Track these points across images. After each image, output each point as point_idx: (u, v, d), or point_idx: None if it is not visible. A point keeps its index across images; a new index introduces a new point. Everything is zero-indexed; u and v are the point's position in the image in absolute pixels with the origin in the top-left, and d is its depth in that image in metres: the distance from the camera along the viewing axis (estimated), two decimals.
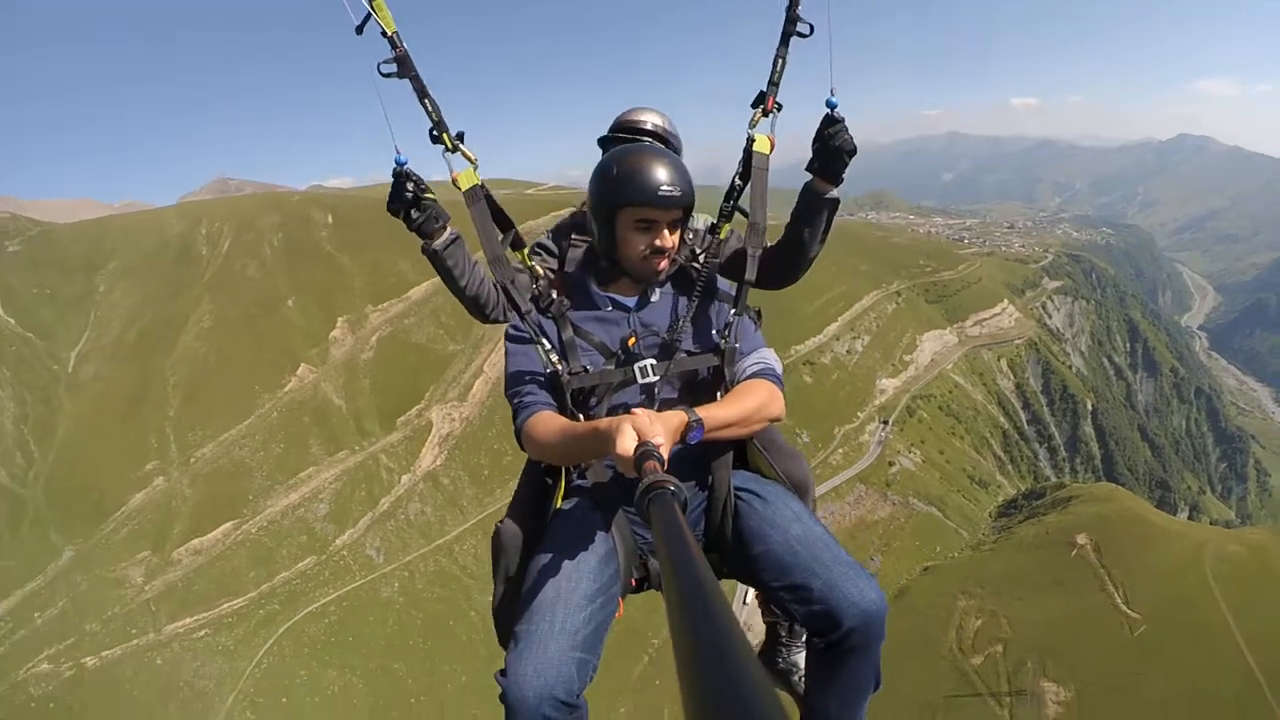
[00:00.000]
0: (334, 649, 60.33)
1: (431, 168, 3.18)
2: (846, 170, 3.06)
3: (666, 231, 2.72)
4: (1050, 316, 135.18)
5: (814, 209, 3.13)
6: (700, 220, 3.32)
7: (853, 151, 3.00)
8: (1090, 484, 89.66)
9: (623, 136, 3.51)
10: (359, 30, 2.73)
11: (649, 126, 3.55)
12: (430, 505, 71.96)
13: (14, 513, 65.28)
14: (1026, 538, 69.18)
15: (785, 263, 3.28)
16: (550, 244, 3.31)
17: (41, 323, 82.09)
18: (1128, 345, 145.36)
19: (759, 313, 3.09)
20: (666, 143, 3.51)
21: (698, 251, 3.04)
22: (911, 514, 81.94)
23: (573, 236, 3.22)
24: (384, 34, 2.75)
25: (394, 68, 2.77)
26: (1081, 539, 62.64)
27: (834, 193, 3.12)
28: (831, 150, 2.97)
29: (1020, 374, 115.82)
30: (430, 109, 2.85)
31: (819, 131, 3.00)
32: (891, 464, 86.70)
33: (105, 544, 64.76)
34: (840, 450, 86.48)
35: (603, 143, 3.54)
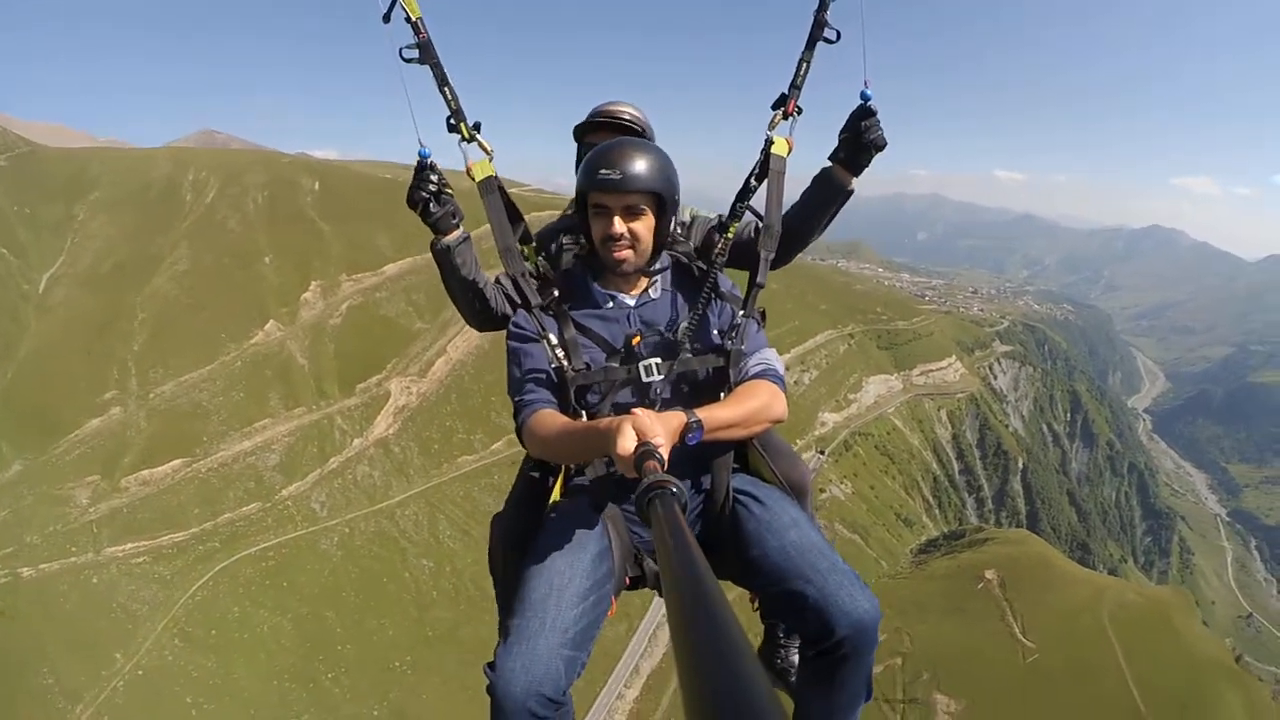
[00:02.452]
0: (268, 591, 61.89)
1: (440, 155, 3.23)
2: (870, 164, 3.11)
3: (618, 219, 2.72)
4: (996, 377, 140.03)
5: (829, 198, 3.17)
6: (687, 213, 3.41)
7: (883, 146, 3.05)
8: (1008, 530, 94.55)
9: (595, 123, 3.67)
10: (386, 18, 2.81)
11: (626, 117, 3.61)
12: (378, 470, 73.76)
13: None
14: (938, 570, 73.90)
15: (787, 247, 3.25)
16: (546, 234, 3.35)
17: (17, 241, 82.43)
18: (1068, 415, 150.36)
19: (763, 314, 3.06)
20: (642, 133, 3.62)
21: (698, 248, 3.10)
22: (834, 539, 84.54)
23: (562, 238, 3.20)
24: (408, 19, 2.84)
25: (416, 54, 2.86)
26: (989, 574, 67.49)
27: (853, 185, 3.17)
28: (863, 144, 3.04)
29: (958, 426, 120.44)
30: (449, 97, 2.94)
31: (851, 122, 3.06)
32: (822, 490, 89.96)
33: (55, 463, 65.69)
34: None
35: (577, 131, 3.71)
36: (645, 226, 2.78)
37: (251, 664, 57.05)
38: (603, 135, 3.59)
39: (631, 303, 2.90)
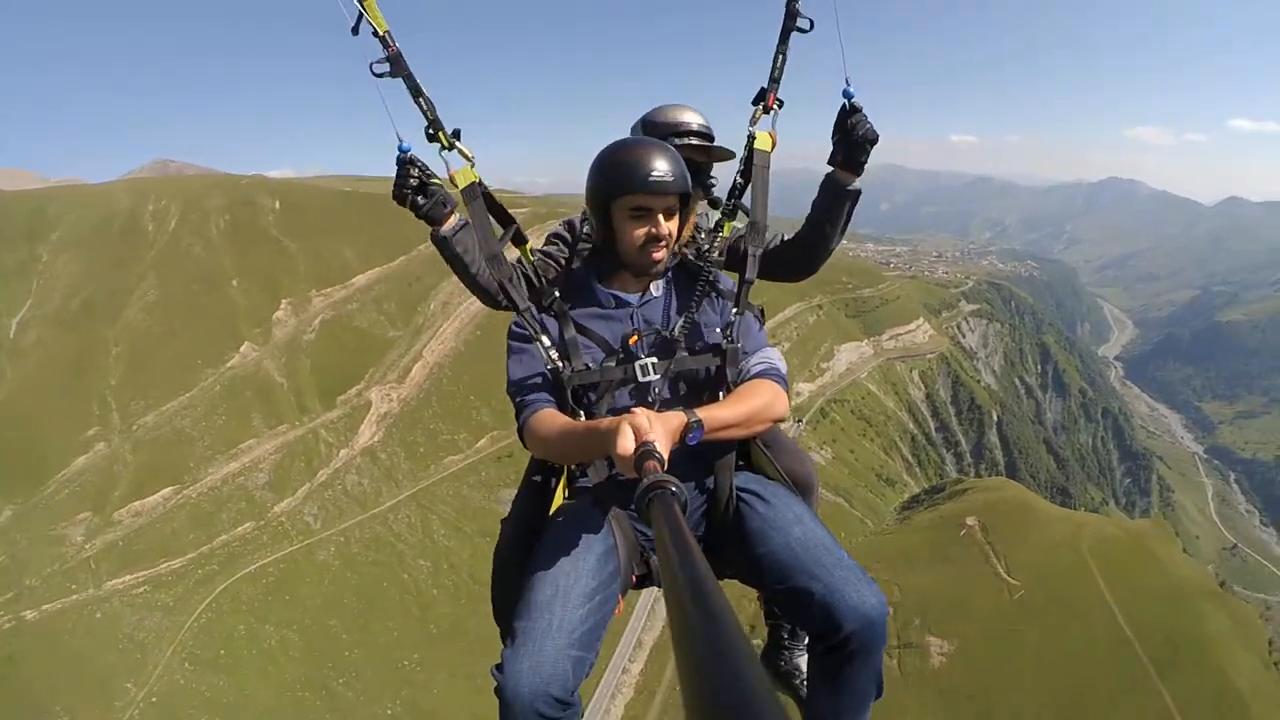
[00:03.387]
0: (271, 606, 63.01)
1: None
2: (868, 160, 3.11)
3: (662, 219, 2.73)
4: (964, 336, 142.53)
5: (838, 201, 3.17)
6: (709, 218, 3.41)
7: (875, 140, 3.05)
8: (987, 479, 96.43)
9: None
10: (354, 30, 2.79)
11: (695, 127, 3.50)
12: (367, 478, 74.97)
13: None
14: (921, 522, 75.68)
15: (806, 255, 3.32)
16: (565, 234, 3.32)
17: None
18: (1039, 367, 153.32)
19: (762, 310, 3.07)
20: (710, 140, 3.53)
21: (704, 249, 3.07)
22: (818, 503, 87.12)
23: (577, 232, 3.23)
24: (375, 34, 2.80)
25: (386, 67, 2.82)
26: (970, 520, 69.05)
27: (856, 184, 3.17)
28: (854, 141, 3.04)
29: (931, 385, 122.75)
30: (424, 108, 2.90)
31: (839, 122, 3.05)
32: None
33: (45, 504, 66.58)
34: None
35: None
36: (675, 226, 2.83)
37: (263, 678, 58.20)
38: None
39: (635, 301, 2.91)
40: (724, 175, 3.48)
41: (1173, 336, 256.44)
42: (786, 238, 3.38)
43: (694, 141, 3.48)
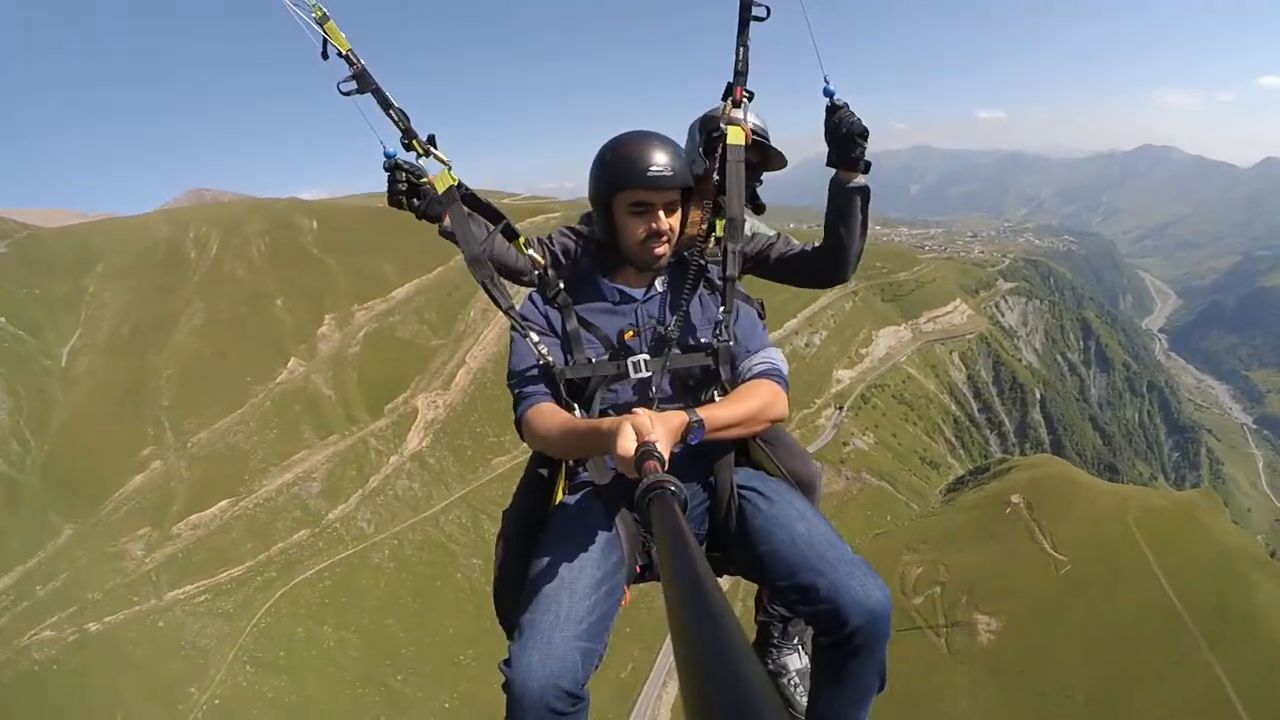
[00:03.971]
0: (329, 610, 63.96)
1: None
2: (865, 153, 3.09)
3: (662, 214, 2.73)
4: (1003, 315, 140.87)
5: (845, 201, 3.15)
6: (754, 225, 3.44)
7: (864, 133, 3.03)
8: (1030, 456, 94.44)
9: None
10: (324, 55, 2.87)
11: (752, 125, 3.29)
12: (418, 482, 75.90)
13: (11, 497, 67.39)
14: (967, 502, 74.56)
15: (832, 264, 3.29)
16: (581, 228, 3.29)
17: (32, 321, 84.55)
18: (1081, 343, 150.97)
19: (761, 305, 3.08)
20: (765, 139, 3.46)
21: (733, 249, 2.97)
22: (864, 488, 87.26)
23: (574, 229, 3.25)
24: (339, 54, 2.86)
25: (354, 85, 2.87)
26: (1015, 498, 67.87)
27: (860, 180, 3.14)
28: (843, 138, 3.04)
29: (972, 366, 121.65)
30: (396, 119, 2.94)
31: (826, 124, 3.08)
32: (845, 444, 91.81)
33: (105, 523, 67.70)
34: (797, 432, 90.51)
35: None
36: (677, 220, 2.82)
37: (323, 678, 59.04)
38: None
39: (639, 296, 2.89)
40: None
41: (1217, 305, 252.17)
42: (812, 246, 3.37)
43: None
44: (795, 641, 3.27)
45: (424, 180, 3.00)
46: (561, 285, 2.84)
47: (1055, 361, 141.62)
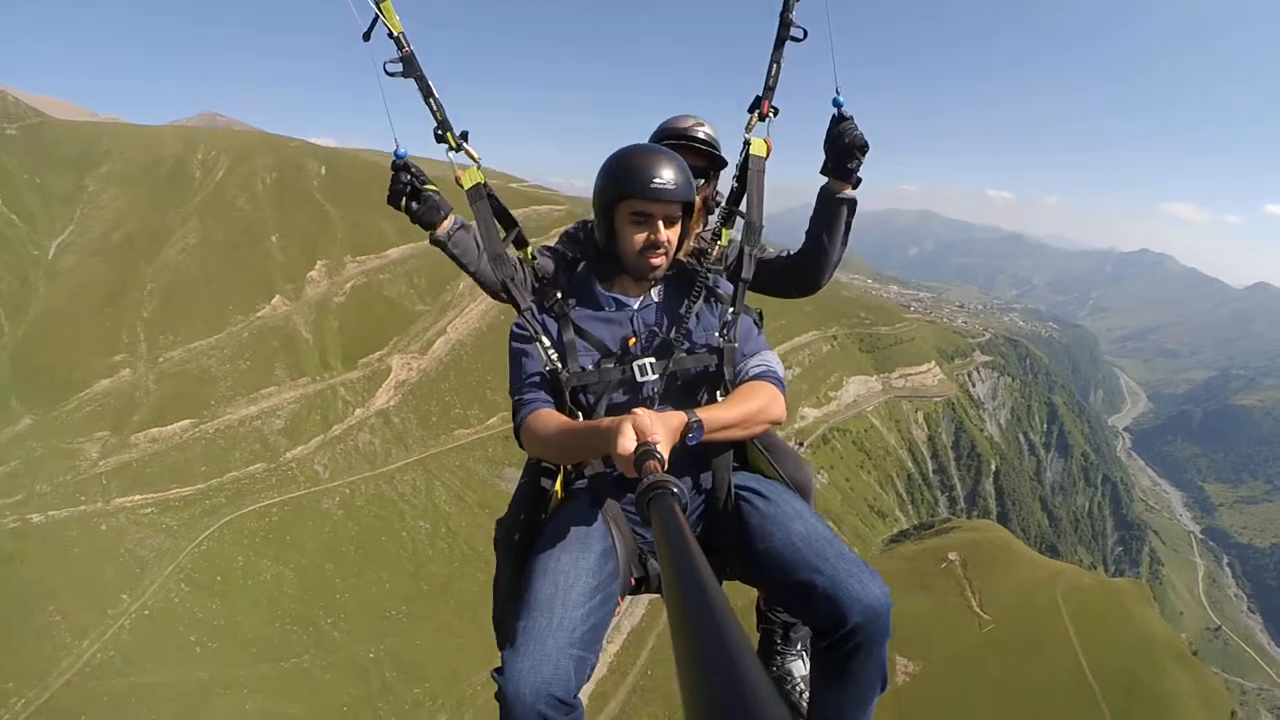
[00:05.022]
0: (271, 543, 64.54)
1: (425, 146, 3.53)
2: (860, 168, 3.20)
3: (662, 226, 2.79)
4: (974, 385, 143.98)
5: (832, 211, 3.27)
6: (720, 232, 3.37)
7: (864, 148, 3.13)
8: (975, 520, 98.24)
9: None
10: (366, 36, 2.89)
11: (702, 135, 3.57)
12: (379, 438, 76.60)
13: None
14: (906, 553, 77.62)
15: (808, 269, 3.42)
16: (560, 246, 3.38)
17: (26, 208, 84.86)
18: (1045, 425, 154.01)
19: (760, 314, 3.12)
20: (713, 149, 3.58)
21: (704, 253, 3.12)
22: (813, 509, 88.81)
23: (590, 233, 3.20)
24: (390, 34, 2.90)
25: (400, 67, 2.93)
26: (952, 555, 71.07)
27: (850, 192, 3.25)
28: (843, 148, 3.14)
29: (934, 427, 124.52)
30: (434, 109, 3.01)
31: (829, 131, 3.20)
32: None
33: (65, 419, 67.92)
34: None
35: None
36: (676, 234, 2.87)
37: (254, 608, 59.61)
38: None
39: (635, 305, 2.94)
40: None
41: (1185, 414, 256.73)
42: (789, 252, 3.53)
43: (697, 147, 3.57)
44: (799, 647, 3.31)
45: (429, 186, 3.17)
46: (559, 294, 2.92)
47: (1016, 439, 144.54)
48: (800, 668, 3.23)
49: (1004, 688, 54.00)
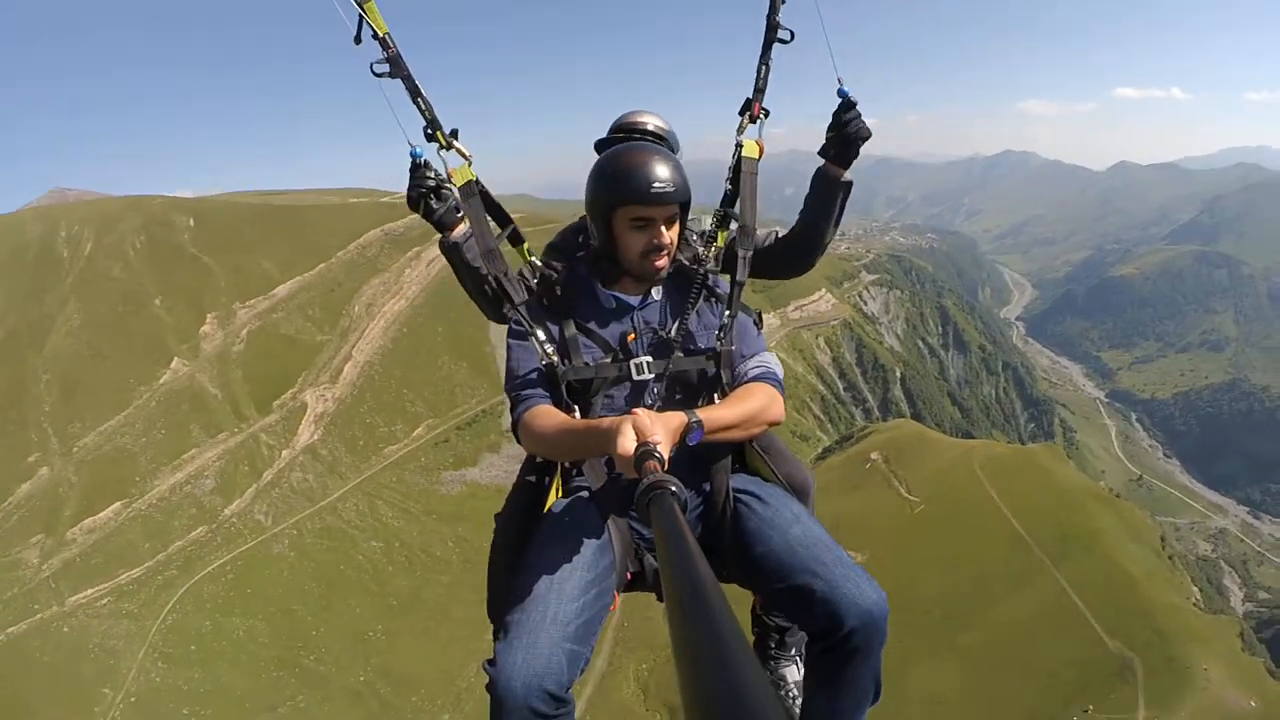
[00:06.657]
0: (234, 601, 65.46)
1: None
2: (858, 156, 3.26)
3: (663, 228, 2.77)
4: (866, 304, 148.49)
5: (830, 194, 3.29)
6: (706, 222, 3.36)
7: (867, 138, 3.21)
8: (889, 421, 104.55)
9: (619, 137, 3.42)
10: (357, 39, 2.83)
11: (650, 127, 3.48)
12: (312, 474, 77.50)
13: None
14: (834, 464, 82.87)
15: (804, 251, 3.43)
16: (561, 243, 3.27)
17: None
18: (940, 329, 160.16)
19: (759, 314, 3.16)
20: (664, 142, 3.43)
21: (702, 253, 3.08)
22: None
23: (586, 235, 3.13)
24: (375, 35, 2.85)
25: (386, 68, 2.88)
26: (875, 455, 76.86)
27: (847, 175, 3.29)
28: (848, 137, 3.19)
29: (836, 349, 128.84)
30: (423, 108, 2.96)
31: (835, 119, 3.21)
32: None
33: None
34: None
35: (600, 145, 3.39)
36: (676, 233, 2.88)
37: (235, 666, 60.88)
38: None
39: (635, 303, 2.95)
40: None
41: (1070, 294, 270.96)
42: (780, 234, 3.51)
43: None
44: (793, 653, 3.26)
45: (447, 185, 3.17)
46: (559, 292, 2.95)
47: (915, 345, 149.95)
48: (794, 673, 3.20)
49: (943, 558, 59.39)
